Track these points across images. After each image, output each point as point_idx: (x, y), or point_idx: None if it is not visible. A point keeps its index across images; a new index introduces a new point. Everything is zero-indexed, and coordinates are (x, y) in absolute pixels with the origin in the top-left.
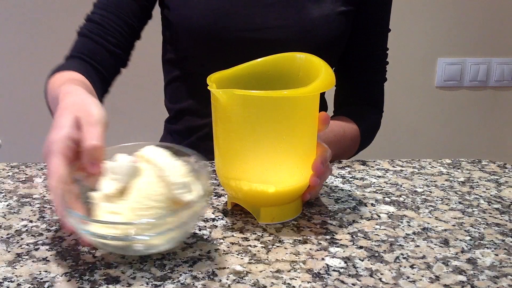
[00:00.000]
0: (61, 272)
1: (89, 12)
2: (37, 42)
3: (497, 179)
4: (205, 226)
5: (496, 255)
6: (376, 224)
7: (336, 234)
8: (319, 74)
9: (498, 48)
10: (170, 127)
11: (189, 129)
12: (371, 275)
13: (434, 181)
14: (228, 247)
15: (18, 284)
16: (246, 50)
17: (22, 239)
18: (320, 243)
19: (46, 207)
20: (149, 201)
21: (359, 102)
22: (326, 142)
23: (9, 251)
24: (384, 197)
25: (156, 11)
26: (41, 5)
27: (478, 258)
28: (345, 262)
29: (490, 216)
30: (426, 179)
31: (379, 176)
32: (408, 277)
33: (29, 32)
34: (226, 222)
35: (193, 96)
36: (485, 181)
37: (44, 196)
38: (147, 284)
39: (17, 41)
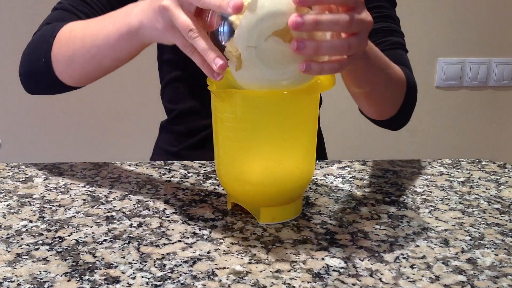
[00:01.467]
0: (61, 272)
1: None
2: None
3: (497, 179)
4: (205, 226)
5: (496, 255)
6: (376, 224)
7: (336, 234)
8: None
9: (498, 48)
10: (171, 127)
11: (193, 130)
12: (371, 275)
13: (434, 181)
14: (228, 247)
15: (18, 284)
16: None
17: (22, 239)
18: (320, 243)
19: (46, 207)
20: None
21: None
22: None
23: (9, 251)
24: (384, 197)
25: None
26: (41, 5)
27: (478, 258)
28: (345, 262)
29: (490, 216)
30: (426, 179)
31: (379, 176)
32: (408, 277)
33: (29, 32)
34: (226, 222)
35: (195, 96)
36: (485, 181)
37: (44, 196)
38: (147, 284)
39: (17, 41)
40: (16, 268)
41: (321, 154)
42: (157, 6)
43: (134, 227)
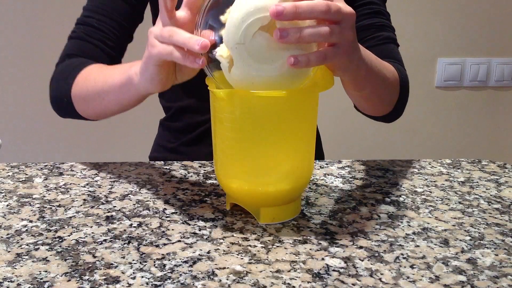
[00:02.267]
0: (61, 272)
1: (81, 15)
2: (37, 42)
3: (497, 179)
4: (205, 226)
5: (496, 255)
6: (376, 224)
7: (336, 234)
8: (318, 74)
9: (498, 48)
10: (169, 124)
11: (190, 126)
12: (371, 275)
13: (434, 181)
14: (228, 247)
15: (18, 284)
16: None
17: (22, 239)
18: (320, 243)
19: (46, 207)
20: None
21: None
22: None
23: (9, 251)
24: (384, 197)
25: (147, 13)
26: (41, 5)
27: (478, 258)
28: (345, 262)
29: (490, 216)
30: (426, 179)
31: (379, 176)
32: (408, 277)
33: (29, 32)
34: (226, 222)
35: (192, 95)
36: (485, 181)
37: (44, 196)
38: (147, 284)
39: (17, 41)
40: (16, 268)
41: (318, 153)
42: (148, 44)
43: (134, 227)
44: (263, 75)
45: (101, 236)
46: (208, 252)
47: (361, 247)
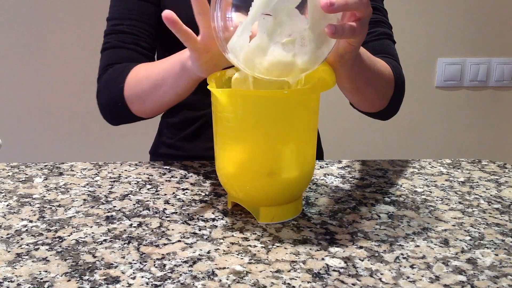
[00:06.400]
0: (61, 272)
1: (108, 26)
2: (37, 42)
3: (497, 179)
4: (205, 226)
5: (496, 255)
6: (376, 224)
7: (336, 234)
8: (320, 74)
9: (498, 48)
10: (168, 120)
11: (187, 121)
12: (371, 275)
13: (434, 181)
14: (228, 247)
15: (18, 284)
16: None
17: (22, 239)
18: (320, 243)
19: (46, 207)
20: None
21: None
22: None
23: (9, 251)
24: (384, 197)
25: None
26: (41, 5)
27: (478, 258)
28: (345, 262)
29: (490, 216)
30: (426, 179)
31: (379, 176)
32: (408, 277)
33: (29, 32)
34: (226, 222)
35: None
36: (485, 181)
37: (44, 196)
38: (147, 284)
39: (17, 41)
40: (16, 268)
41: (317, 152)
42: None
43: (134, 227)
44: (278, 50)
45: (101, 236)
46: (208, 252)
47: (361, 247)
